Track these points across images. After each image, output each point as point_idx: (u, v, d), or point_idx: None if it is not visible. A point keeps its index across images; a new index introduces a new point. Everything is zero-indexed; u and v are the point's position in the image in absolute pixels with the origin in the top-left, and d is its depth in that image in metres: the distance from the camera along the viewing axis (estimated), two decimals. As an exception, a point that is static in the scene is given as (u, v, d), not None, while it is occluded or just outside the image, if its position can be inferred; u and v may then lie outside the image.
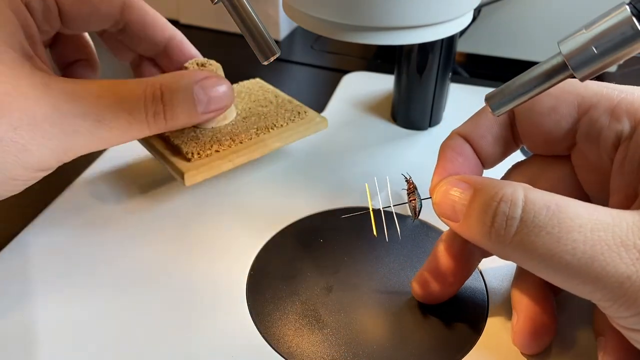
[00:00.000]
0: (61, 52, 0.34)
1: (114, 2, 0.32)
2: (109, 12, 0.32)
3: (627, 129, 0.23)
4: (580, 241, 0.19)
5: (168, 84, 0.29)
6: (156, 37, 0.34)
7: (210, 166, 0.32)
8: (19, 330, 0.27)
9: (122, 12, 0.33)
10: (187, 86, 0.30)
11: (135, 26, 0.33)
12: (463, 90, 0.47)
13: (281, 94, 0.39)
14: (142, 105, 0.28)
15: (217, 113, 0.32)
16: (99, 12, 0.31)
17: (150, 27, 0.34)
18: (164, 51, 0.35)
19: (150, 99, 0.28)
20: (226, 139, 0.33)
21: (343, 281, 0.29)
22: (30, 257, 0.31)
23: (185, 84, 0.30)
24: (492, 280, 0.30)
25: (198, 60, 0.34)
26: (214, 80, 0.31)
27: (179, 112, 0.29)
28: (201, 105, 0.30)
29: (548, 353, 0.26)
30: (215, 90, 0.31)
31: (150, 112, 0.28)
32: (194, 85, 0.30)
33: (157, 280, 0.29)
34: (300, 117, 0.36)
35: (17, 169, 0.25)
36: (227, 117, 0.35)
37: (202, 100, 0.30)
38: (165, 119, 0.29)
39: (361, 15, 0.31)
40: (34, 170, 0.26)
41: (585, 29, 0.19)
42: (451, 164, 0.26)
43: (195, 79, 0.30)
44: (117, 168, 0.38)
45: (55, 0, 0.30)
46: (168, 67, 0.36)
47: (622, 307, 0.19)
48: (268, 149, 0.34)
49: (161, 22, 0.34)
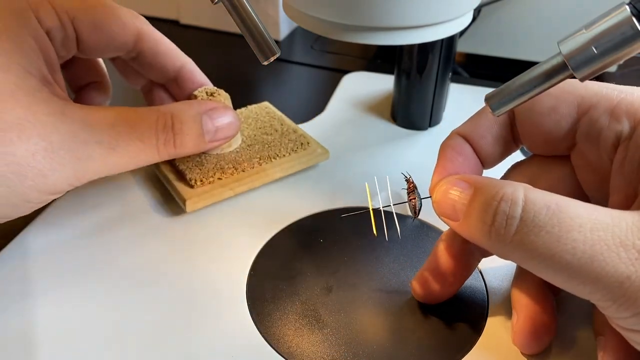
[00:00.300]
0: (74, 75, 0.35)
1: (129, 31, 0.33)
2: (124, 40, 0.33)
3: (627, 130, 0.23)
4: (580, 241, 0.19)
5: (178, 114, 0.30)
6: (168, 66, 0.35)
7: (212, 194, 0.33)
8: (19, 330, 0.27)
9: (137, 41, 0.33)
10: (196, 116, 0.31)
11: (149, 54, 0.34)
12: (463, 90, 0.47)
13: (287, 121, 0.40)
14: (153, 134, 0.29)
15: (222, 142, 0.34)
16: (114, 40, 0.32)
17: (163, 56, 0.35)
18: (175, 79, 0.36)
19: (161, 128, 0.30)
20: (229, 166, 0.35)
21: (343, 281, 0.29)
22: (30, 257, 0.31)
23: (194, 114, 0.31)
24: (492, 280, 0.30)
25: (207, 88, 0.35)
26: (221, 111, 0.33)
27: (187, 141, 0.31)
28: (209, 134, 0.32)
29: (548, 353, 0.26)
30: (222, 120, 0.32)
31: (161, 140, 0.30)
32: (203, 115, 0.32)
33: (157, 280, 0.29)
34: (302, 148, 0.37)
35: (32, 192, 0.26)
36: (231, 144, 0.36)
37: (209, 130, 0.32)
38: (174, 146, 0.31)
39: (361, 15, 0.31)
40: (47, 194, 0.27)
41: (585, 29, 0.19)
42: (451, 163, 0.26)
43: (203, 109, 0.32)
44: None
45: (74, 28, 0.31)
46: (178, 94, 0.37)
47: (622, 307, 0.19)
48: (269, 178, 0.35)
49: (174, 51, 0.35)
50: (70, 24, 0.30)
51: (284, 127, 0.39)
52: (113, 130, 0.28)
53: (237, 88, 0.50)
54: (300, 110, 0.47)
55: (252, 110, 0.41)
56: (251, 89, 0.51)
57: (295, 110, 0.47)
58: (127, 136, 0.28)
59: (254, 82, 0.52)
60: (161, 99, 0.37)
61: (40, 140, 0.25)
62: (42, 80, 0.27)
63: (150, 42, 0.34)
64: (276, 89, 0.51)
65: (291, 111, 0.44)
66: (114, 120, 0.28)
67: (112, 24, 0.32)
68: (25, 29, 0.27)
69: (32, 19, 0.28)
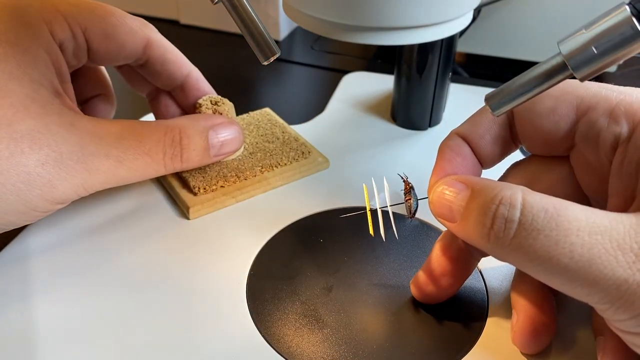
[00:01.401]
0: (80, 87, 0.35)
1: (139, 39, 0.33)
2: (134, 48, 0.33)
3: (625, 131, 0.23)
4: (578, 244, 0.19)
5: (186, 129, 0.31)
6: (175, 74, 0.35)
7: (214, 202, 0.34)
8: (19, 330, 0.27)
9: (145, 49, 0.34)
10: (203, 131, 0.32)
11: (157, 62, 0.35)
12: (463, 90, 0.47)
13: (288, 128, 0.40)
14: (161, 149, 0.30)
15: (226, 156, 0.34)
16: (125, 49, 0.33)
17: (171, 64, 0.35)
18: (181, 86, 0.36)
19: (169, 143, 0.30)
20: (232, 174, 0.35)
21: (343, 281, 0.29)
22: (30, 257, 0.31)
23: (202, 129, 0.32)
24: (492, 280, 0.30)
25: (212, 97, 0.36)
26: (227, 126, 0.33)
27: (194, 156, 0.32)
28: (214, 149, 0.33)
29: (548, 353, 0.26)
30: (227, 135, 0.33)
31: (169, 154, 0.30)
32: (209, 131, 0.32)
33: (157, 280, 0.29)
34: (304, 157, 0.37)
35: (39, 201, 0.26)
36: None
37: (215, 145, 0.33)
38: (181, 161, 0.31)
39: (361, 15, 0.31)
40: (54, 203, 0.27)
41: (585, 29, 0.19)
42: (449, 164, 0.26)
43: (210, 125, 0.32)
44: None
45: (86, 38, 0.31)
46: (183, 101, 0.37)
47: (620, 309, 0.19)
48: (270, 187, 0.36)
49: (181, 60, 0.36)
50: (81, 35, 0.30)
51: (285, 135, 0.39)
52: (121, 144, 0.28)
53: (237, 88, 0.50)
54: (300, 110, 0.47)
55: (253, 117, 0.41)
56: (251, 89, 0.51)
57: (295, 110, 0.47)
58: (134, 150, 0.29)
59: (254, 82, 0.52)
60: (167, 106, 0.37)
61: (51, 150, 0.26)
62: (54, 92, 0.27)
63: (159, 49, 0.34)
64: (276, 89, 0.51)
65: (291, 111, 0.44)
66: (122, 134, 0.28)
67: (122, 33, 0.32)
68: (38, 41, 0.28)
69: (45, 31, 0.28)
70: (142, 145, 0.29)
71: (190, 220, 0.33)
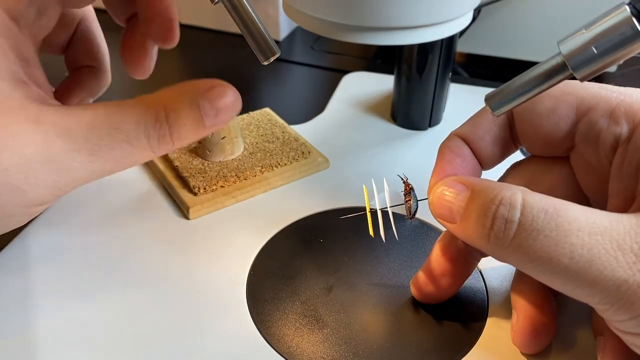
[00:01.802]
0: (73, 56, 0.33)
1: None
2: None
3: (625, 132, 0.23)
4: (578, 245, 0.19)
5: (171, 102, 0.26)
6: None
7: (214, 202, 0.34)
8: (19, 330, 0.27)
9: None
10: (193, 101, 0.27)
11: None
12: (463, 90, 0.47)
13: (288, 128, 0.40)
14: (142, 131, 0.26)
15: (225, 123, 0.29)
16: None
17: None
18: None
19: (152, 124, 0.26)
20: (232, 174, 0.35)
21: (343, 281, 0.29)
22: (30, 257, 0.31)
23: (191, 100, 0.27)
24: (492, 280, 0.30)
25: None
26: (220, 90, 0.28)
27: (186, 132, 0.27)
28: (209, 119, 0.28)
29: (548, 353, 0.26)
30: (222, 101, 0.28)
31: (154, 136, 0.26)
32: (200, 100, 0.27)
33: (157, 280, 0.29)
34: (304, 157, 0.37)
35: (13, 207, 0.24)
36: (234, 152, 0.37)
37: (209, 114, 0.27)
38: (172, 140, 0.27)
39: (361, 15, 0.31)
40: (30, 207, 0.25)
41: (585, 29, 0.19)
42: (449, 165, 0.26)
43: (200, 92, 0.27)
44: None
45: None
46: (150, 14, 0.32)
47: (620, 310, 0.19)
48: (270, 187, 0.36)
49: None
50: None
51: (285, 135, 0.39)
52: (92, 135, 0.24)
53: (237, 88, 0.50)
54: (300, 110, 0.47)
55: (253, 117, 0.41)
56: (251, 89, 0.51)
57: (295, 110, 0.47)
58: (109, 139, 0.25)
59: (254, 82, 0.52)
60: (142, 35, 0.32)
61: (12, 153, 0.23)
62: (15, 82, 0.24)
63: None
64: (276, 89, 0.51)
65: (291, 111, 0.44)
66: (93, 122, 0.24)
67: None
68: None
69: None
70: (118, 132, 0.25)
71: (190, 220, 0.33)
